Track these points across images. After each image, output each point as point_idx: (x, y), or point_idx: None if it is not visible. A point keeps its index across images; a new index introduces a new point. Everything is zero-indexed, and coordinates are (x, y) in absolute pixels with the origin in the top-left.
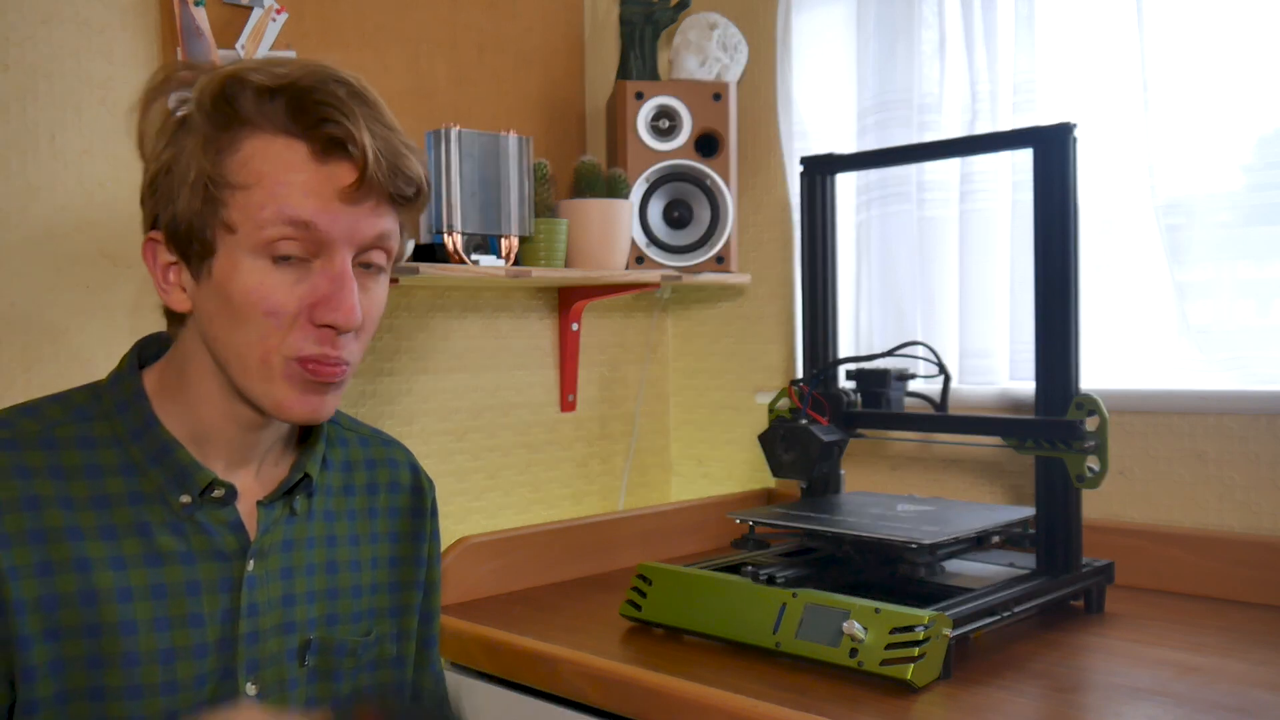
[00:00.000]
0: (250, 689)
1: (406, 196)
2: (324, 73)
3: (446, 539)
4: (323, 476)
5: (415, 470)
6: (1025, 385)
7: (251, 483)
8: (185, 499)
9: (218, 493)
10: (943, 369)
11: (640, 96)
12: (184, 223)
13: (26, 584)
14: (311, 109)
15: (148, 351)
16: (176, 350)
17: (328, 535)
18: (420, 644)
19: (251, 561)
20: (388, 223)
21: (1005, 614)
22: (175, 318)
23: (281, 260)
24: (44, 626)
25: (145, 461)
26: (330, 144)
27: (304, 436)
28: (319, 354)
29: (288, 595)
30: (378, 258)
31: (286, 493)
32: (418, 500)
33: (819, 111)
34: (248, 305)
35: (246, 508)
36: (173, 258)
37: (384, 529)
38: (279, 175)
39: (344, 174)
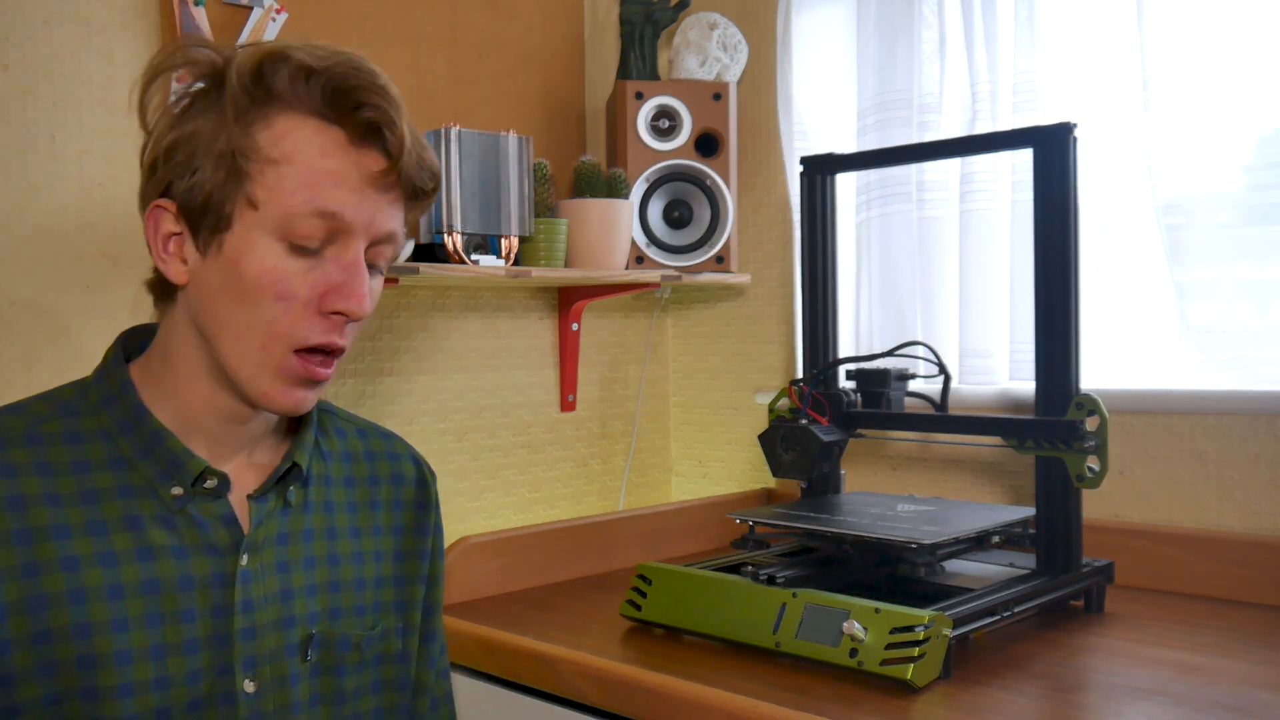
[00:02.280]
0: (248, 686)
1: (426, 190)
2: (358, 62)
3: (446, 539)
4: (322, 467)
5: (418, 463)
6: (1025, 385)
7: (244, 474)
8: (177, 490)
9: (210, 482)
10: (943, 369)
11: (640, 96)
12: (203, 194)
13: (10, 586)
14: (350, 94)
15: (132, 344)
16: (161, 335)
17: (327, 527)
18: (423, 638)
19: (245, 556)
20: (398, 222)
21: (1005, 614)
22: (165, 295)
23: (300, 249)
24: (31, 629)
25: (135, 454)
26: (367, 130)
27: (294, 426)
28: (325, 343)
29: (285, 590)
30: (384, 256)
31: (279, 482)
32: (422, 493)
33: (819, 111)
34: (260, 287)
35: (238, 501)
36: (178, 228)
37: (386, 522)
38: (312, 159)
39: (374, 161)
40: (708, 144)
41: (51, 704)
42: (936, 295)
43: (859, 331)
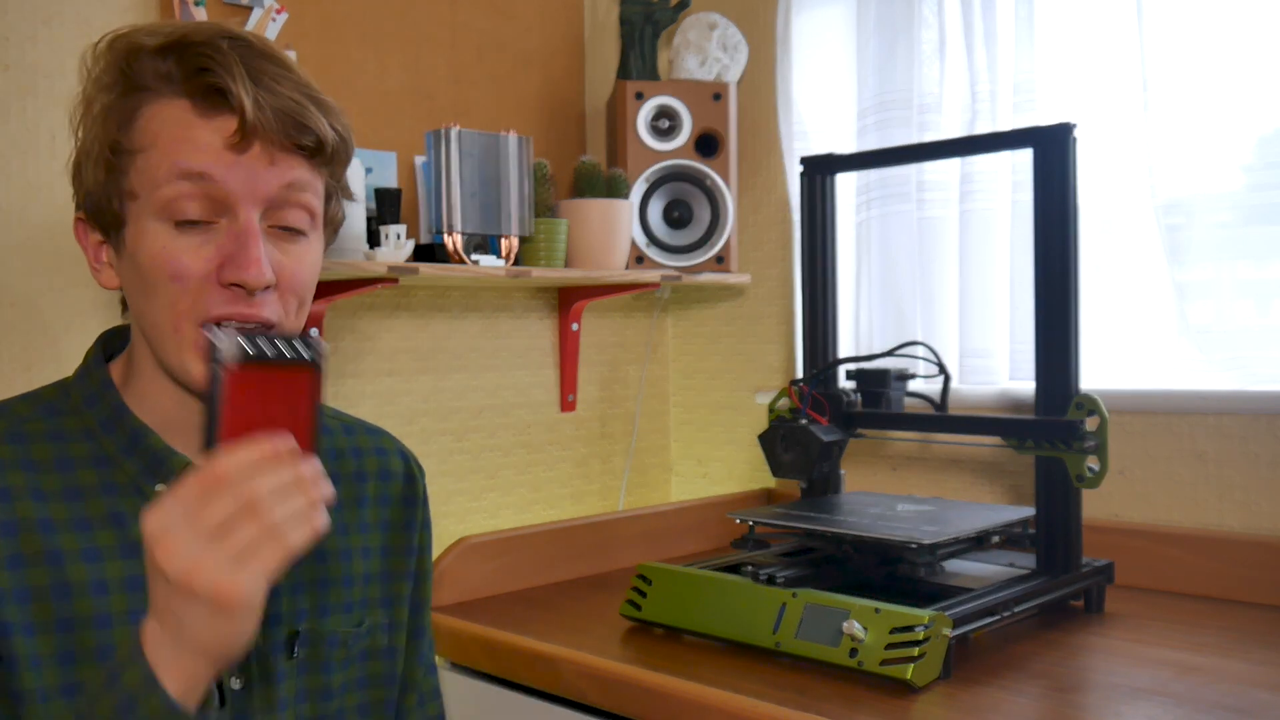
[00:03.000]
0: (234, 683)
1: (305, 146)
2: (215, 30)
3: (446, 539)
4: None
5: (405, 458)
6: (1025, 385)
7: None
8: (160, 488)
9: None
10: (943, 369)
11: (640, 96)
12: (95, 196)
13: (2, 575)
14: (191, 62)
15: (113, 344)
16: (132, 336)
17: None
18: (410, 634)
19: None
20: (297, 175)
21: (1005, 614)
22: (125, 302)
23: (185, 224)
24: (20, 620)
25: (118, 452)
26: (210, 94)
27: None
28: (229, 314)
29: (271, 587)
30: (295, 216)
31: None
32: (409, 488)
33: (819, 111)
34: (154, 270)
35: None
36: (98, 236)
37: (373, 518)
38: (174, 133)
39: (228, 124)
40: (708, 144)
41: (43, 699)
42: (936, 295)
43: (859, 331)
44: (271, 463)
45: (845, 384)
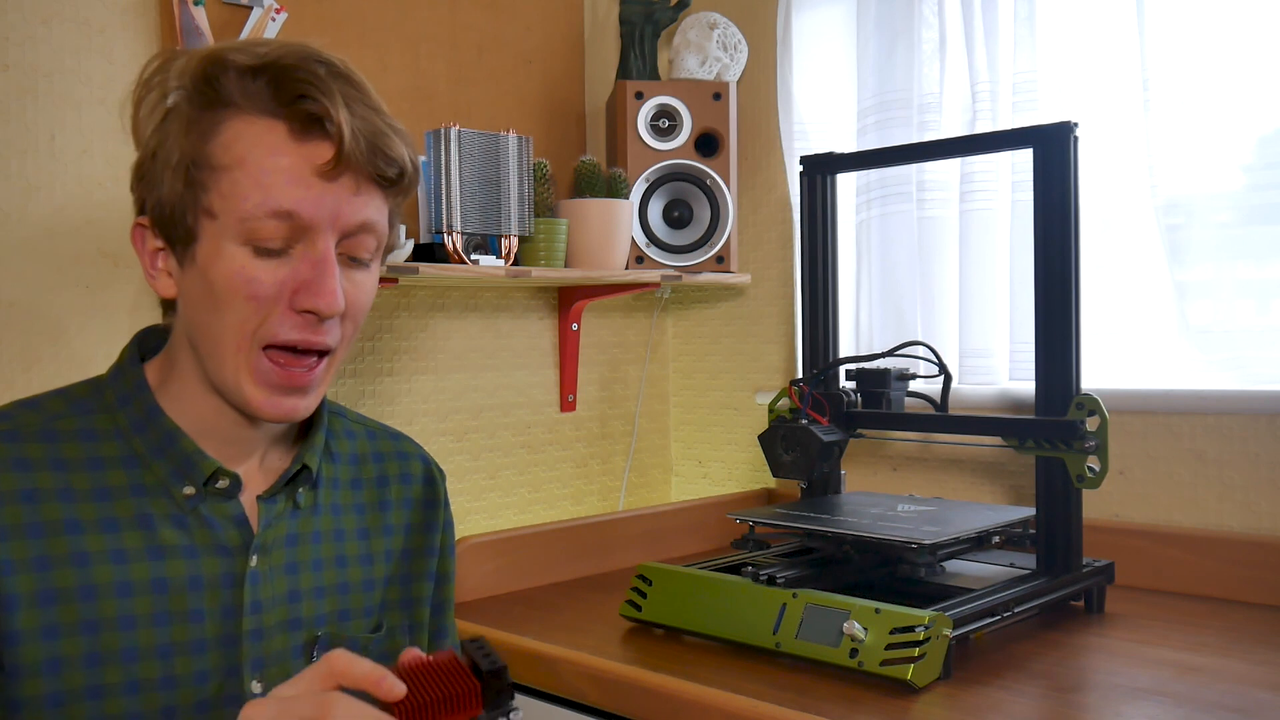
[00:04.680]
0: (256, 686)
1: (388, 177)
2: (305, 52)
3: None
4: (331, 470)
5: (426, 462)
6: (1025, 385)
7: (255, 476)
8: (189, 490)
9: (222, 483)
10: (943, 369)
11: (640, 96)
12: (168, 207)
13: (23, 579)
14: (290, 86)
15: (148, 343)
16: (171, 343)
17: (335, 529)
18: (432, 635)
19: (254, 557)
20: (372, 211)
21: (1005, 614)
22: (169, 306)
23: (265, 251)
24: (42, 623)
25: (148, 454)
26: (308, 121)
27: (305, 429)
28: (298, 340)
29: (293, 591)
30: (364, 248)
31: (288, 484)
32: (430, 491)
33: (819, 111)
34: (230, 290)
35: (249, 503)
36: (159, 243)
37: (395, 521)
38: (261, 159)
39: (322, 152)
40: (708, 144)
41: (55, 704)
42: (936, 295)
43: (859, 331)
44: None
45: (845, 384)
